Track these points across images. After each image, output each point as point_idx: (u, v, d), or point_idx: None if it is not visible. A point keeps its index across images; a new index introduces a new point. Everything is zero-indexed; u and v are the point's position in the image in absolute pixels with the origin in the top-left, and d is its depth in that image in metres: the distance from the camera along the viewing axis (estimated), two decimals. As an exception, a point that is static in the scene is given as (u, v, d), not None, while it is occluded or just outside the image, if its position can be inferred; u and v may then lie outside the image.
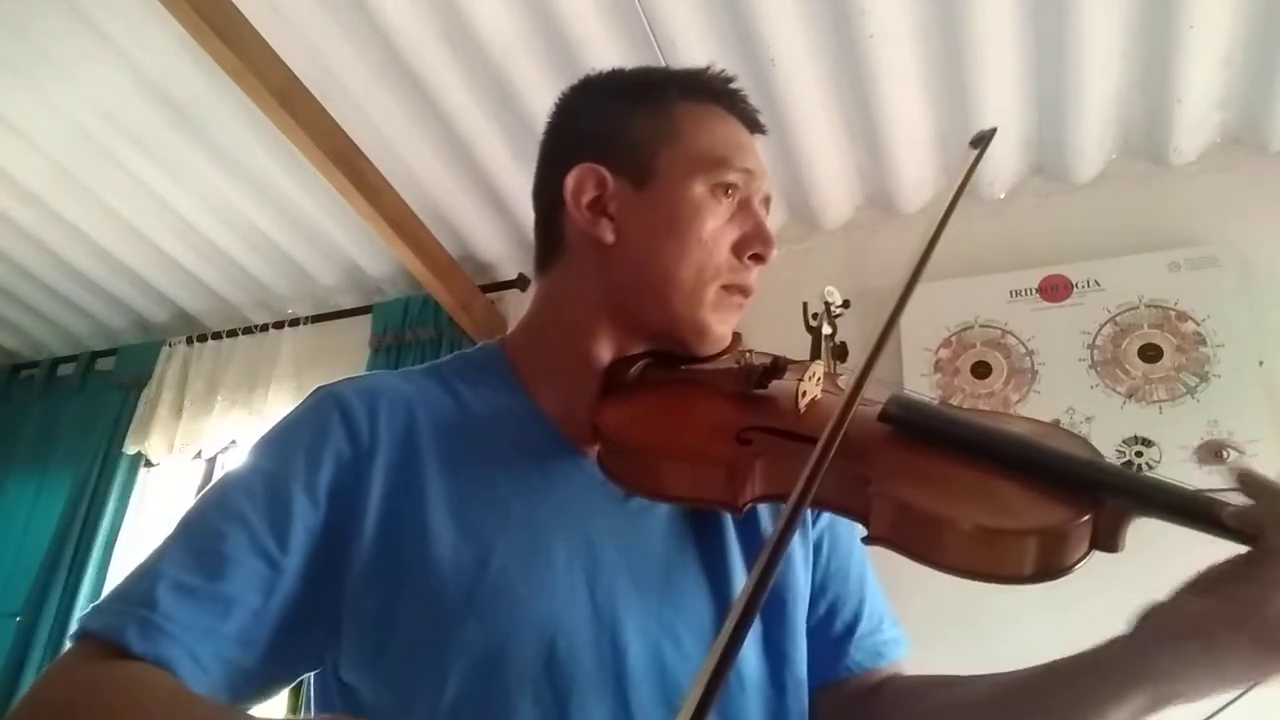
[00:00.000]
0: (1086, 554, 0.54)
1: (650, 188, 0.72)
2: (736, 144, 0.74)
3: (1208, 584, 0.52)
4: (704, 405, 0.70)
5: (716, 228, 0.71)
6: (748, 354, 0.74)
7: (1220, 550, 0.51)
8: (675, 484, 0.65)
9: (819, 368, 0.71)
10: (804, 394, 0.68)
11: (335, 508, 0.63)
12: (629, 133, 0.73)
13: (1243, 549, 0.50)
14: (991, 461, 0.59)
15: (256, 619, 0.58)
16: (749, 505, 0.64)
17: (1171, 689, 0.53)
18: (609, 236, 0.72)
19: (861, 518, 0.60)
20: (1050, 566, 0.54)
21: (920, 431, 0.63)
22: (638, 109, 0.74)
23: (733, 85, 0.77)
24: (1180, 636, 0.52)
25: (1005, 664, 0.66)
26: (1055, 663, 0.62)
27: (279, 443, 0.66)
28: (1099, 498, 0.55)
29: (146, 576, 0.57)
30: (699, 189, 0.71)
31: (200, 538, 0.60)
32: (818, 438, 0.55)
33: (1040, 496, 0.56)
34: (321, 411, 0.67)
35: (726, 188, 0.72)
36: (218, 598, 0.57)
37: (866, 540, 0.59)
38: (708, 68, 0.78)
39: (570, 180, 0.73)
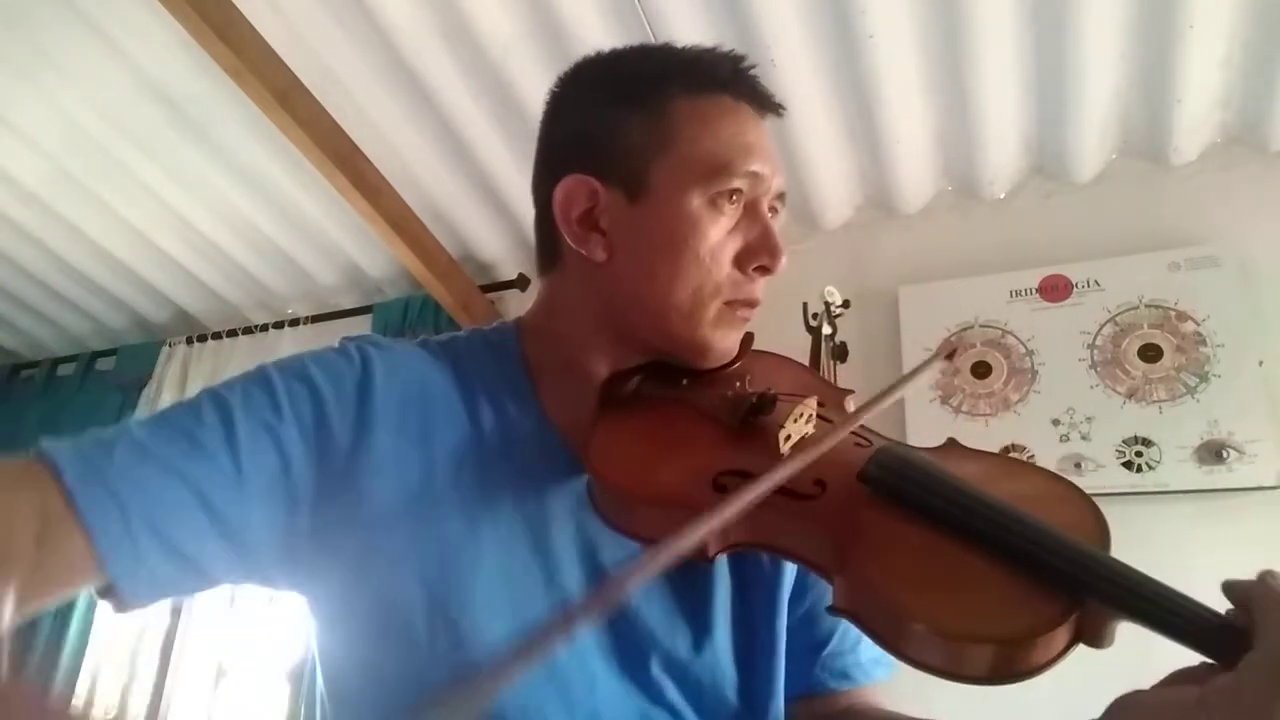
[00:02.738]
0: (1065, 651, 0.49)
1: (644, 201, 0.65)
2: (741, 145, 0.66)
3: (1193, 676, 0.47)
4: (686, 443, 0.65)
5: (717, 242, 0.65)
6: (743, 381, 0.68)
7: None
8: (646, 527, 0.61)
9: (811, 405, 0.65)
10: (787, 437, 0.62)
11: (321, 448, 0.60)
12: (621, 139, 0.66)
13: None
14: (971, 540, 0.54)
15: (202, 506, 0.55)
16: (719, 554, 0.59)
17: None
18: (600, 254, 0.67)
19: (830, 582, 0.56)
20: (1017, 670, 0.49)
21: (899, 498, 0.57)
22: (632, 112, 0.67)
23: (742, 65, 0.69)
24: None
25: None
26: None
27: (291, 361, 0.64)
28: (1082, 598, 0.49)
29: (118, 430, 0.56)
30: (696, 201, 0.64)
31: (181, 416, 0.58)
32: (795, 489, 0.51)
33: (1017, 589, 0.50)
34: (346, 352, 0.65)
35: (730, 194, 0.65)
36: (170, 470, 0.55)
37: (830, 610, 0.55)
38: (713, 49, 0.70)
39: (559, 193, 0.67)
